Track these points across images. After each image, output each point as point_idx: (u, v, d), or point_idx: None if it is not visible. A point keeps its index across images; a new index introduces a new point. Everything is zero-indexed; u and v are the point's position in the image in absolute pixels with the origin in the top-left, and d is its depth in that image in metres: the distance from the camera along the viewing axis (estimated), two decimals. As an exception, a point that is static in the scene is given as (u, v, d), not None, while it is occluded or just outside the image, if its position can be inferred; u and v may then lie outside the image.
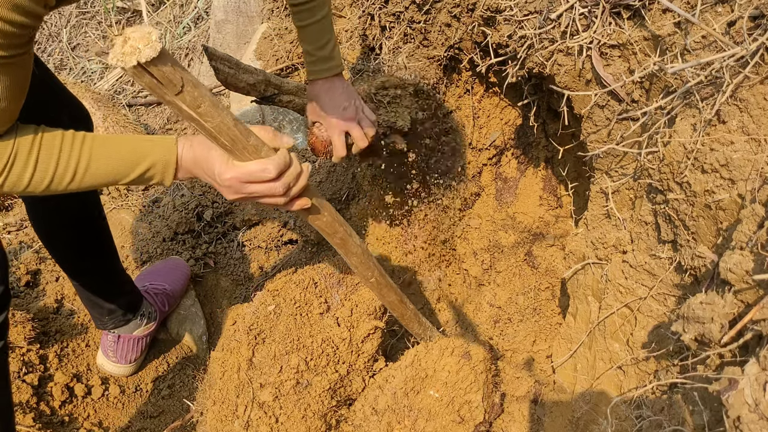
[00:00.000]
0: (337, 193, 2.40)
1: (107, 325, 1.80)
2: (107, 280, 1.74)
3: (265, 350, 1.44)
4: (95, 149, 0.98)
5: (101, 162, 0.99)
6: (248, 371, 1.41)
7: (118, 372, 1.88)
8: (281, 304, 1.51)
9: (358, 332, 1.48)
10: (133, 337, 1.86)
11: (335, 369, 1.44)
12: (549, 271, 1.82)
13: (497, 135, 1.96)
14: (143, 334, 1.89)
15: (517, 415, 1.47)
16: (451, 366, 1.41)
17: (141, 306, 1.86)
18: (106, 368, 1.88)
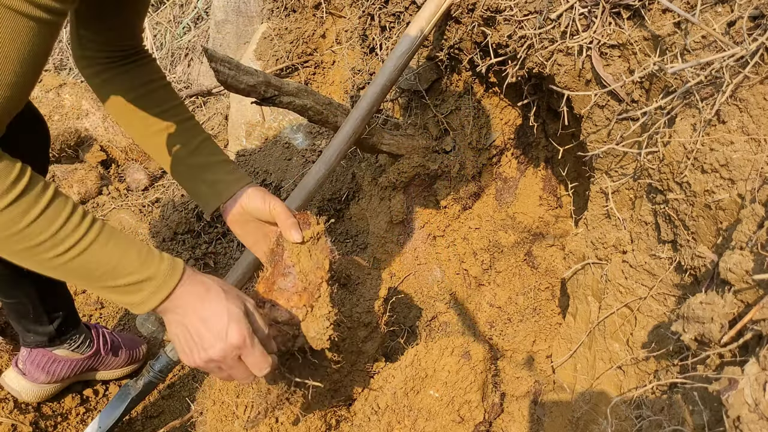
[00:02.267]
0: (337, 193, 2.40)
1: (29, 343, 1.65)
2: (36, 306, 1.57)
3: None
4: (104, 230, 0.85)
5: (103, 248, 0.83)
6: None
7: (19, 388, 1.64)
8: None
9: (359, 332, 1.48)
10: (51, 356, 1.66)
11: (335, 369, 1.44)
12: (549, 271, 1.82)
13: (497, 135, 1.96)
14: (66, 357, 1.68)
15: (517, 414, 1.47)
16: (451, 366, 1.41)
17: (73, 333, 1.68)
18: (7, 381, 1.64)
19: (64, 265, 0.81)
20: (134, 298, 0.87)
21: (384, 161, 2.15)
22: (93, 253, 0.82)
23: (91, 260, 0.82)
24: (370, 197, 2.26)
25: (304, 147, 2.63)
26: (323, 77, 2.86)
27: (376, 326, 1.51)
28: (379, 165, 2.19)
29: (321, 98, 1.77)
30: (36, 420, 1.63)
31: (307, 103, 1.71)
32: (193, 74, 3.71)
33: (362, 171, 2.32)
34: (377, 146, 1.92)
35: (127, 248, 0.86)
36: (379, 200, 2.20)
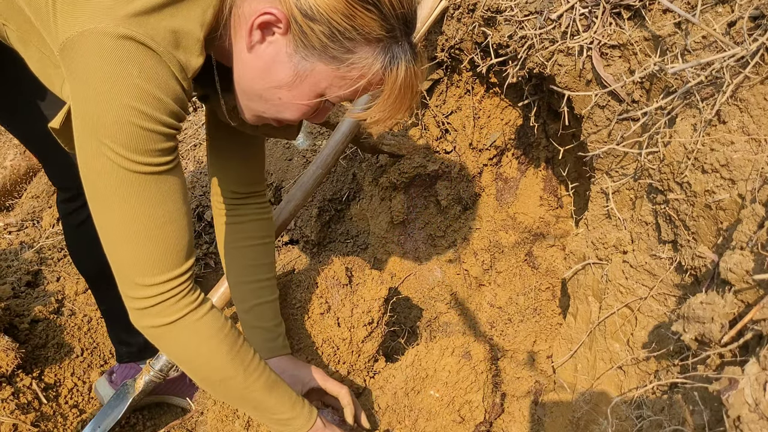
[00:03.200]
0: (338, 193, 2.40)
1: (123, 358, 1.75)
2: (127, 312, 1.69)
3: None
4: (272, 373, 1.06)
5: (278, 385, 1.06)
6: None
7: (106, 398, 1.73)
8: (282, 304, 1.51)
9: (359, 332, 1.48)
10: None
11: (336, 369, 1.44)
12: (549, 271, 1.82)
13: (498, 135, 1.96)
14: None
15: (518, 415, 1.47)
16: (451, 366, 1.41)
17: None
18: (98, 388, 1.76)
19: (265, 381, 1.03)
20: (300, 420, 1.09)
21: (385, 161, 2.15)
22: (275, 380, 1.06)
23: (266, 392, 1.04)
24: (371, 197, 2.26)
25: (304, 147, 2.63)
26: (324, 77, 2.86)
27: (377, 326, 1.51)
28: (379, 165, 2.19)
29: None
30: (37, 420, 1.64)
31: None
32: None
33: (363, 171, 2.32)
34: (378, 146, 1.92)
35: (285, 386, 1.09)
36: (380, 200, 2.20)
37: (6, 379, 1.68)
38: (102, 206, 0.84)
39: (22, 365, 1.74)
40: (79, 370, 1.90)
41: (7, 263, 2.24)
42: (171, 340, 0.93)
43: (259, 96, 0.95)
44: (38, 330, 1.94)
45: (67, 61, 0.78)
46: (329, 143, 1.68)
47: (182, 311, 0.91)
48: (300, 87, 0.91)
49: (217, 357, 0.96)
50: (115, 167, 0.80)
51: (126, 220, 0.83)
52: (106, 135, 0.77)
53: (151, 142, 0.80)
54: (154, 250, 0.86)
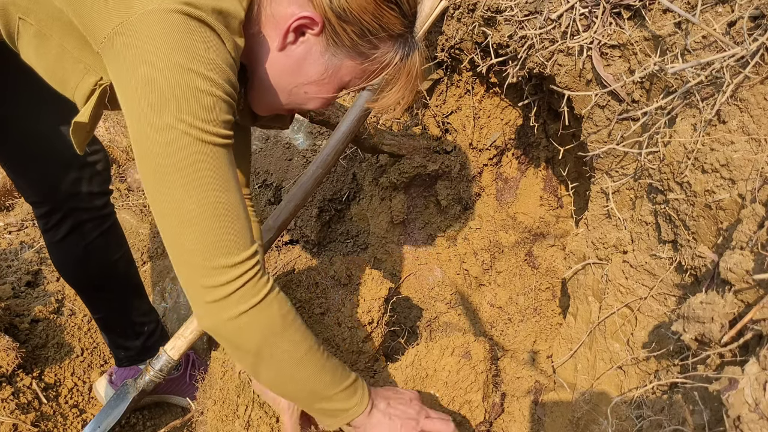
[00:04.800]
0: (338, 193, 2.40)
1: (123, 362, 1.75)
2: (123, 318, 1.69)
3: None
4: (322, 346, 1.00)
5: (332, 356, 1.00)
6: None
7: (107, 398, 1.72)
8: None
9: (359, 332, 1.48)
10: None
11: None
12: (549, 271, 1.82)
13: (498, 135, 1.96)
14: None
15: (518, 414, 1.47)
16: (451, 366, 1.41)
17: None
18: (99, 389, 1.76)
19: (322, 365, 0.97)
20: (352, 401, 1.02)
21: (385, 161, 2.15)
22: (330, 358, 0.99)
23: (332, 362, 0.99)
24: (371, 197, 2.26)
25: (304, 147, 2.63)
26: (324, 77, 2.86)
27: (377, 326, 1.51)
28: (380, 165, 2.19)
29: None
30: (37, 420, 1.64)
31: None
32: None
33: (363, 171, 2.32)
34: (378, 147, 1.92)
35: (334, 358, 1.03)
36: (380, 200, 2.20)
37: (6, 379, 1.68)
38: (174, 186, 0.79)
39: (22, 365, 1.74)
40: (79, 370, 1.90)
41: (7, 263, 2.25)
42: (258, 323, 0.87)
43: (285, 91, 0.98)
44: (38, 330, 1.94)
45: (117, 46, 0.78)
46: (329, 143, 1.68)
47: (266, 287, 0.87)
48: (328, 82, 0.97)
49: (301, 327, 0.93)
50: (190, 139, 0.77)
51: (204, 196, 0.80)
52: (178, 107, 0.76)
53: (221, 112, 0.80)
54: (235, 225, 0.83)
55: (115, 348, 1.74)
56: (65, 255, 1.53)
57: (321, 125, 1.84)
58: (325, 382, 0.98)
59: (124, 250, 1.63)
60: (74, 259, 1.53)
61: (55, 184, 1.40)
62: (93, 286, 1.60)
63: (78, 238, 1.49)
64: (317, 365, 0.96)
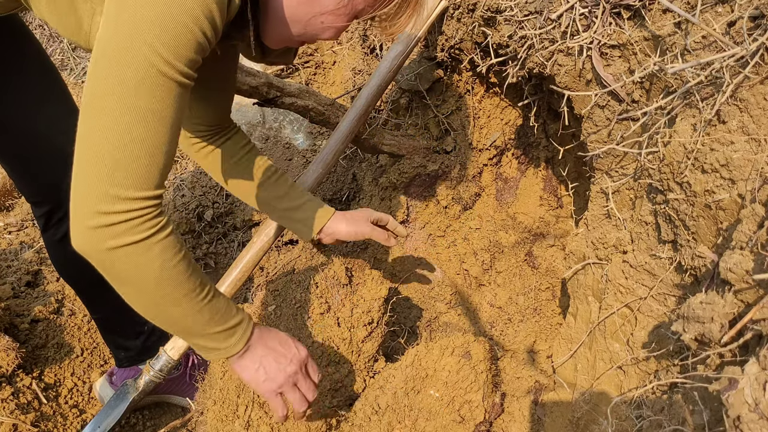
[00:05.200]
0: (338, 193, 2.40)
1: (123, 362, 1.75)
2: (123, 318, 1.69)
3: None
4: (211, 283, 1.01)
5: (219, 298, 1.01)
6: None
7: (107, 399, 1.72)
8: (282, 304, 1.51)
9: (358, 332, 1.48)
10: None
11: (336, 369, 1.44)
12: (549, 271, 1.82)
13: (498, 135, 1.96)
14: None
15: (518, 414, 1.47)
16: (451, 366, 1.41)
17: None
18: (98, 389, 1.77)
19: (202, 309, 0.97)
20: (225, 344, 1.04)
21: (385, 161, 2.15)
22: (216, 299, 0.99)
23: (214, 306, 0.99)
24: (371, 197, 2.26)
25: (304, 147, 2.63)
26: (324, 77, 2.87)
27: (376, 326, 1.51)
28: (379, 165, 2.19)
29: (323, 99, 1.77)
30: (37, 420, 1.64)
31: (308, 104, 1.72)
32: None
33: (363, 171, 2.32)
34: (378, 146, 1.92)
35: (225, 298, 1.04)
36: (380, 200, 2.20)
37: (6, 379, 1.68)
38: (113, 98, 0.78)
39: (22, 365, 1.74)
40: (79, 370, 1.90)
41: (7, 263, 2.24)
42: (131, 261, 0.86)
43: (300, 22, 0.97)
44: (38, 330, 1.94)
45: None
46: (329, 143, 1.68)
47: (152, 230, 0.86)
48: (343, 11, 0.96)
49: (181, 275, 0.92)
50: (146, 64, 0.76)
51: (128, 121, 0.78)
52: (153, 33, 0.75)
53: (192, 50, 0.79)
54: (149, 162, 0.81)
55: (115, 348, 1.74)
56: (65, 254, 1.53)
57: (321, 125, 1.84)
58: (199, 323, 0.99)
59: None
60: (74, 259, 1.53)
61: (56, 183, 1.40)
62: (92, 285, 1.60)
63: None
64: (192, 309, 0.95)
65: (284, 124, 2.71)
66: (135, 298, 0.94)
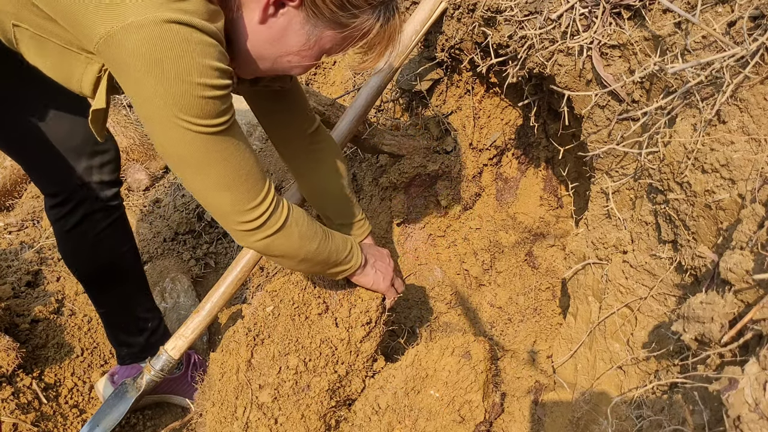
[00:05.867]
0: (338, 193, 2.40)
1: (125, 359, 1.75)
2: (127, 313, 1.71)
3: (264, 351, 1.44)
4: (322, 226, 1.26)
5: (335, 235, 1.28)
6: (247, 372, 1.41)
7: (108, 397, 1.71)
8: (280, 305, 1.51)
9: (357, 332, 1.48)
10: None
11: (334, 369, 1.44)
12: (549, 271, 1.82)
13: (498, 135, 1.96)
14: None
15: (518, 414, 1.47)
16: (451, 366, 1.41)
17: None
18: (100, 388, 1.77)
19: (331, 251, 1.26)
20: (353, 261, 1.35)
21: (385, 162, 2.15)
22: (332, 236, 1.27)
23: (335, 241, 1.28)
24: (371, 197, 2.26)
25: (304, 147, 2.63)
26: (324, 77, 2.86)
27: (375, 326, 1.51)
28: (379, 165, 2.19)
29: (323, 99, 1.77)
30: (37, 420, 1.64)
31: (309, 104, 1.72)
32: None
33: (363, 171, 2.32)
34: (378, 147, 1.92)
35: (336, 233, 1.31)
36: (380, 200, 2.20)
37: (6, 379, 1.68)
38: (194, 171, 0.98)
39: (22, 365, 1.74)
40: (79, 370, 1.90)
41: (7, 263, 2.24)
42: (281, 242, 1.12)
43: (268, 60, 1.04)
44: (38, 330, 1.94)
45: (112, 54, 0.84)
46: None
47: (282, 216, 1.10)
48: (309, 51, 1.02)
49: (310, 231, 1.18)
50: (196, 135, 0.91)
51: (220, 174, 0.98)
52: (181, 110, 0.87)
53: (219, 106, 0.91)
54: (248, 183, 1.02)
55: (118, 345, 1.74)
56: (75, 244, 1.55)
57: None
58: (334, 257, 1.27)
59: (131, 243, 1.65)
60: (84, 249, 1.56)
61: (68, 174, 1.44)
62: (100, 277, 1.61)
63: (88, 228, 1.53)
64: (327, 249, 1.23)
65: (284, 124, 2.71)
66: (292, 263, 1.20)
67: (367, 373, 1.51)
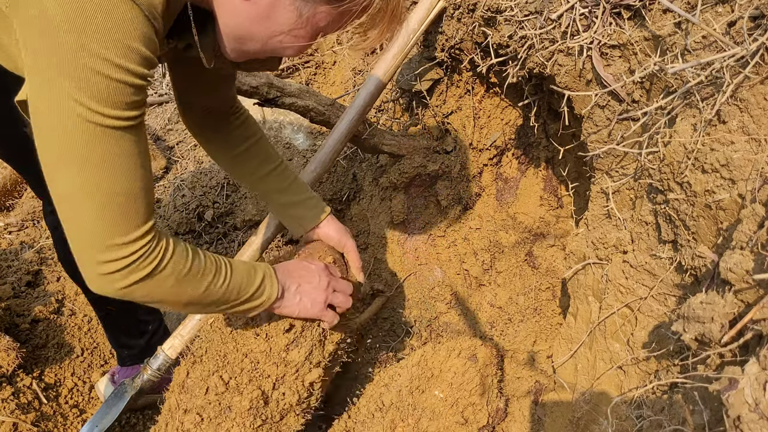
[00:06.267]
0: (338, 193, 2.40)
1: (126, 361, 1.75)
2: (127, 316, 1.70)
3: (198, 370, 1.31)
4: (228, 259, 1.07)
5: (237, 269, 1.07)
6: (179, 395, 1.29)
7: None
8: (216, 319, 1.39)
9: (278, 341, 1.31)
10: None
11: (258, 385, 1.29)
12: (549, 271, 1.82)
13: (498, 135, 1.96)
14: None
15: (518, 415, 1.47)
16: (457, 367, 1.41)
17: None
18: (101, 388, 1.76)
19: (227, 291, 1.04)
20: (263, 297, 1.13)
21: (385, 161, 2.15)
22: (236, 273, 1.06)
23: (237, 279, 1.06)
24: (371, 197, 2.26)
25: (305, 148, 2.63)
26: (324, 78, 2.86)
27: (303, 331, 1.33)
28: (380, 165, 2.19)
29: (323, 99, 1.77)
30: (37, 420, 1.64)
31: (309, 104, 1.72)
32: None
33: (363, 171, 2.32)
34: (378, 147, 1.92)
35: (243, 264, 1.11)
36: (380, 200, 2.20)
37: (6, 379, 1.68)
38: (64, 168, 0.78)
39: (22, 365, 1.74)
40: (79, 370, 1.90)
41: (7, 263, 2.24)
42: (149, 290, 0.91)
43: (257, 41, 0.92)
44: (38, 330, 1.94)
45: (20, 10, 0.73)
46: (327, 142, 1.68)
47: (155, 262, 0.89)
48: (302, 29, 0.90)
49: (197, 274, 0.98)
50: (83, 122, 0.75)
51: (97, 182, 0.79)
52: (74, 87, 0.72)
53: (123, 94, 0.76)
54: (129, 208, 0.83)
55: (119, 347, 1.74)
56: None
57: (321, 125, 1.84)
58: (234, 296, 1.06)
59: None
60: None
61: None
62: None
63: None
64: (222, 290, 1.03)
65: (284, 124, 2.71)
66: (175, 308, 1.01)
67: (302, 383, 1.32)
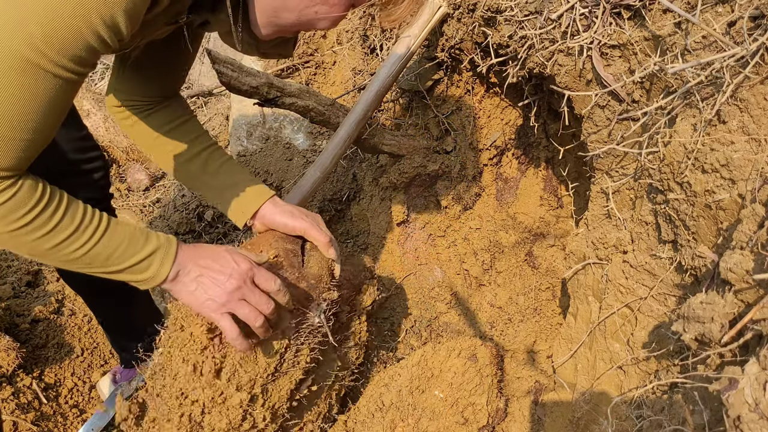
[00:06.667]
0: (338, 193, 2.40)
1: (129, 363, 1.76)
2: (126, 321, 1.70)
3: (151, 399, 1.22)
4: (111, 221, 0.95)
5: (115, 235, 0.94)
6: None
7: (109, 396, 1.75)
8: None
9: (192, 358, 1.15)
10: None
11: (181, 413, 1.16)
12: (549, 271, 1.82)
13: (498, 135, 1.96)
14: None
15: (518, 415, 1.47)
16: (457, 367, 1.41)
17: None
18: (102, 387, 1.78)
19: (86, 255, 0.91)
20: (147, 273, 0.97)
21: (385, 161, 2.15)
22: (107, 239, 0.93)
23: (107, 245, 0.92)
24: (371, 197, 2.26)
25: (305, 147, 2.63)
26: (324, 78, 2.86)
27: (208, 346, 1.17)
28: (380, 165, 2.19)
29: (323, 99, 1.77)
30: (37, 419, 1.64)
31: (309, 104, 1.72)
32: (194, 75, 3.71)
33: (363, 171, 2.32)
34: (378, 147, 1.92)
35: (131, 231, 0.97)
36: (380, 200, 2.20)
37: (6, 379, 1.68)
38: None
39: (22, 365, 1.74)
40: (80, 370, 1.90)
41: (7, 263, 2.25)
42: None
43: (293, 11, 0.92)
44: (38, 330, 1.94)
45: None
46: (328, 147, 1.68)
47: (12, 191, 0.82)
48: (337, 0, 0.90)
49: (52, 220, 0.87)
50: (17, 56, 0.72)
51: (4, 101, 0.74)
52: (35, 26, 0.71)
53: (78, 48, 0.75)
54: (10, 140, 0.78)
55: (120, 350, 1.74)
56: None
57: (321, 125, 1.84)
58: (99, 264, 0.93)
59: None
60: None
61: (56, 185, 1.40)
62: (95, 290, 1.60)
63: None
64: (78, 254, 0.90)
65: (284, 124, 2.71)
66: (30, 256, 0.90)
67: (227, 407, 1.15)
